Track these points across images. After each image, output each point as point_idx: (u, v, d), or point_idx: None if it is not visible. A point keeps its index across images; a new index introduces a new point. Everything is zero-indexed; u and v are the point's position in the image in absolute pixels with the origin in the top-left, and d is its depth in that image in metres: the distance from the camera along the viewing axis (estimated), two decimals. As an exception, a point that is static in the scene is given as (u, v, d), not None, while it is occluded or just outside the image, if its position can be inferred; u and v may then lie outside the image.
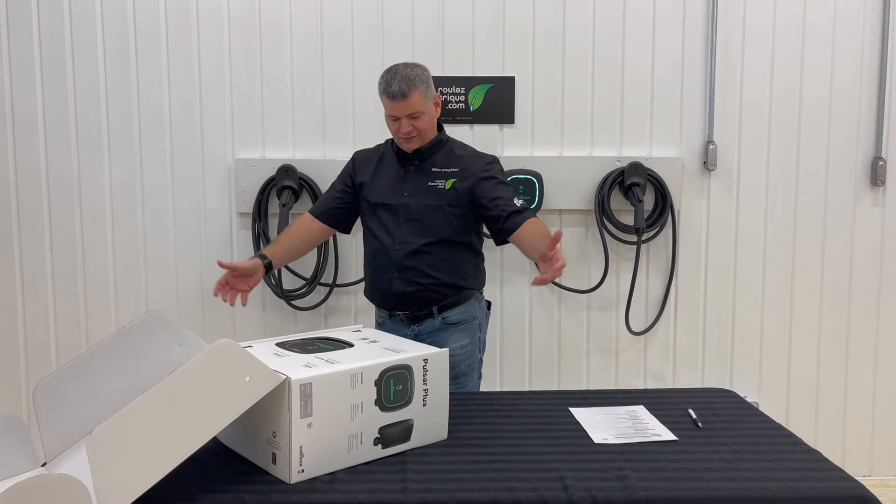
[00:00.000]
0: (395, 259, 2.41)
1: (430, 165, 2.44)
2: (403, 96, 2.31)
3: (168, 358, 1.80)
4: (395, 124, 2.37)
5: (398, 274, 2.41)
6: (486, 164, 2.46)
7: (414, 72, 2.35)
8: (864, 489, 1.65)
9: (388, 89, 2.32)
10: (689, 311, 3.23)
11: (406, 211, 2.42)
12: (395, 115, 2.35)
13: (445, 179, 2.42)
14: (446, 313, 2.45)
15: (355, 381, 1.73)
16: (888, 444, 3.29)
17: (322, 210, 2.57)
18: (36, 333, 3.15)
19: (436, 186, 2.41)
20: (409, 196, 2.42)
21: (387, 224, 2.44)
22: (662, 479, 1.69)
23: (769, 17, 3.12)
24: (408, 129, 2.35)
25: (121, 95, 3.08)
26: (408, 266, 2.40)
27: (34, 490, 1.36)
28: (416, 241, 2.40)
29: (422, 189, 2.42)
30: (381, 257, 2.44)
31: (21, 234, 3.12)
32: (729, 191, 3.19)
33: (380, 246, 2.44)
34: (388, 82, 2.32)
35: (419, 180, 2.43)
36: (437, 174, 2.43)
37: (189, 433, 1.54)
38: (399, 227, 2.42)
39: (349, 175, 2.55)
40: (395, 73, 2.33)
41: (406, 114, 2.33)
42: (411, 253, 2.40)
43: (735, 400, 2.29)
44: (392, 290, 2.42)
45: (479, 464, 1.77)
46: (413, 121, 2.34)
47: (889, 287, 3.23)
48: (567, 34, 3.11)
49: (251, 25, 3.07)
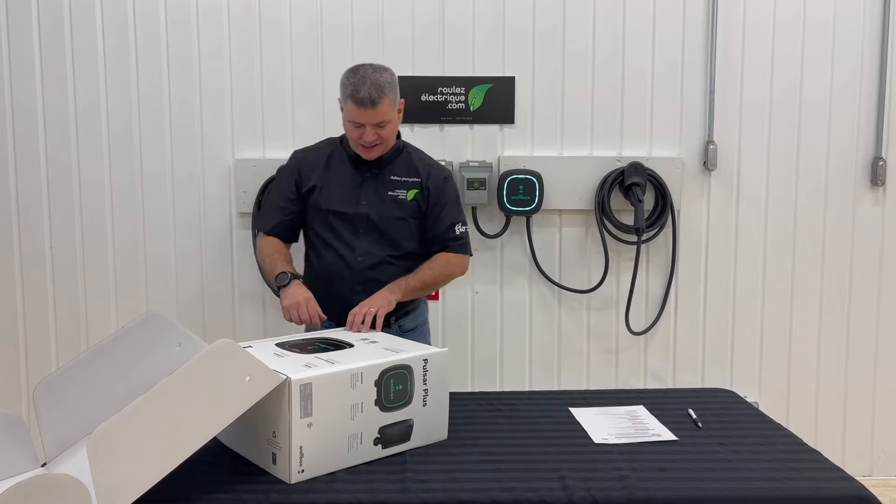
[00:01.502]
0: (356, 270, 2.32)
1: (390, 173, 2.35)
2: (373, 104, 2.18)
3: (168, 358, 1.80)
4: (358, 131, 2.23)
5: (361, 287, 2.31)
6: (443, 178, 2.41)
7: (384, 77, 2.22)
8: (864, 489, 1.65)
9: (357, 95, 2.18)
10: (689, 311, 3.23)
11: (365, 221, 2.32)
12: (360, 123, 2.21)
13: (407, 190, 2.34)
14: (402, 321, 2.41)
15: (355, 381, 1.73)
16: (888, 444, 3.29)
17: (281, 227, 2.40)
18: (36, 333, 3.15)
19: (397, 196, 2.33)
20: (368, 205, 2.32)
21: (342, 233, 2.33)
22: (662, 479, 1.70)
23: (769, 17, 3.12)
24: (372, 137, 2.23)
25: (121, 95, 3.08)
26: (371, 278, 2.31)
27: (34, 490, 1.36)
28: (378, 252, 2.32)
29: (381, 198, 2.33)
30: (338, 268, 2.33)
31: (21, 234, 3.12)
32: (729, 191, 3.19)
33: (336, 256, 2.33)
34: (357, 87, 2.18)
35: (378, 189, 2.34)
36: (397, 183, 2.34)
37: (189, 433, 1.54)
38: (358, 237, 2.33)
39: (294, 181, 2.38)
40: (363, 78, 2.20)
41: (373, 122, 2.21)
42: (374, 265, 2.32)
43: (735, 400, 2.29)
44: (352, 302, 2.28)
45: (479, 464, 1.77)
46: (379, 129, 2.23)
47: (889, 287, 3.23)
48: (567, 34, 3.11)
49: (251, 25, 3.07)
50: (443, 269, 2.37)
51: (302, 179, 2.38)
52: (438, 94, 3.09)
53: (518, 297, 3.20)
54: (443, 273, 2.38)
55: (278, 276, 2.29)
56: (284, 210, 2.39)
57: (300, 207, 2.39)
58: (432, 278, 2.36)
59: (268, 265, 2.37)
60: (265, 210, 2.50)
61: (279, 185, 2.45)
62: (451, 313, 3.19)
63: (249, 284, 3.14)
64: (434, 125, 3.12)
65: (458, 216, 2.41)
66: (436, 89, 3.09)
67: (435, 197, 2.37)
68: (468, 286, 3.18)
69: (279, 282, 2.29)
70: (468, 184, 3.03)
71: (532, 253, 3.16)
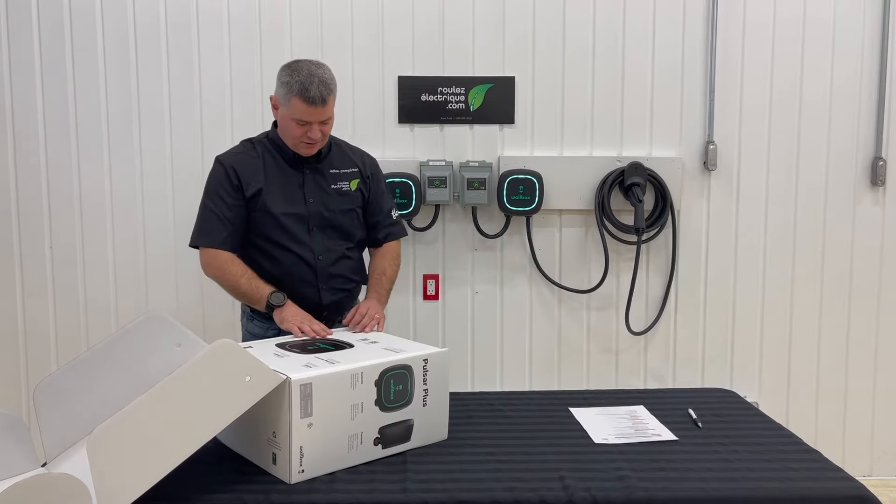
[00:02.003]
0: (319, 269, 2.31)
1: (328, 167, 2.34)
2: (324, 102, 2.17)
3: (168, 358, 1.81)
4: (303, 129, 2.21)
5: (325, 285, 2.32)
6: (375, 165, 2.47)
7: (328, 74, 2.22)
8: (864, 489, 1.65)
9: (307, 94, 2.15)
10: (689, 311, 3.23)
11: (317, 218, 2.31)
12: (307, 121, 2.19)
13: (349, 180, 2.35)
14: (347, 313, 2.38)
15: (355, 381, 1.73)
16: (888, 444, 3.29)
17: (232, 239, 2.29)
18: (36, 333, 3.15)
19: (341, 189, 2.33)
20: (315, 202, 2.31)
21: (297, 234, 2.30)
22: (662, 479, 1.70)
23: (769, 17, 3.12)
24: (318, 135, 2.22)
25: (121, 95, 3.08)
26: (333, 274, 2.33)
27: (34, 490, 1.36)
28: (337, 248, 2.34)
29: (326, 193, 2.32)
30: (300, 270, 2.30)
31: (21, 234, 3.12)
32: (729, 191, 3.19)
33: (295, 259, 2.30)
34: (306, 86, 2.16)
35: (320, 184, 2.32)
36: (338, 175, 2.34)
37: (189, 433, 1.54)
38: (312, 236, 2.31)
39: (235, 187, 2.28)
40: (311, 76, 2.17)
41: (321, 119, 2.20)
42: (336, 261, 2.33)
43: (735, 400, 2.29)
44: (321, 301, 2.31)
45: (479, 464, 1.77)
46: (323, 126, 2.23)
47: (889, 287, 3.23)
48: (567, 34, 3.11)
49: (251, 25, 3.07)
50: (396, 265, 2.45)
51: (242, 184, 2.29)
52: (438, 94, 3.09)
53: (518, 297, 3.20)
54: (398, 266, 2.46)
55: (272, 295, 2.24)
56: (231, 220, 2.28)
57: (245, 214, 2.30)
58: (395, 275, 2.44)
59: (245, 286, 2.27)
60: (207, 224, 2.30)
61: (216, 195, 2.30)
62: (451, 313, 3.19)
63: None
64: (434, 125, 3.12)
65: (391, 201, 2.49)
66: (436, 89, 3.09)
67: (375, 184, 2.43)
68: (468, 286, 3.18)
69: (275, 301, 2.23)
70: (468, 184, 3.03)
71: (532, 253, 3.16)
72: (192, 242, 2.35)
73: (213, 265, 2.31)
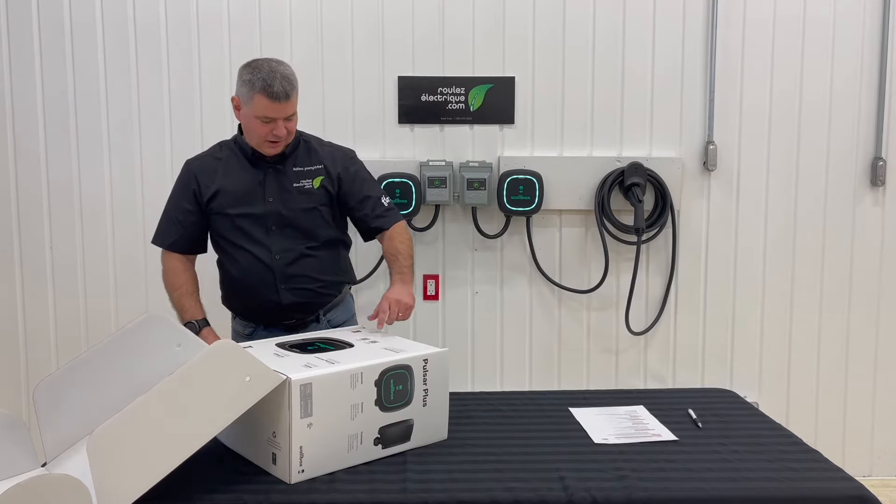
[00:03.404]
0: (276, 269, 2.28)
1: (292, 165, 2.31)
2: (287, 97, 2.16)
3: (168, 358, 1.80)
4: (267, 127, 2.19)
5: (284, 285, 2.29)
6: (349, 159, 2.40)
7: (289, 70, 2.21)
8: (864, 489, 1.65)
9: (270, 90, 2.14)
10: (689, 311, 3.23)
11: (276, 218, 2.28)
12: (271, 117, 2.18)
13: (312, 178, 2.31)
14: (331, 315, 2.40)
15: (355, 381, 1.73)
16: (888, 444, 3.29)
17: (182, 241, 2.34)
18: (36, 333, 3.15)
19: (303, 187, 2.30)
20: (275, 201, 2.28)
21: (254, 234, 2.28)
22: (662, 479, 1.69)
23: (769, 17, 3.12)
24: (284, 132, 2.20)
25: (121, 95, 3.08)
26: (293, 274, 2.29)
27: (34, 490, 1.36)
28: (296, 247, 2.29)
29: (287, 192, 2.29)
30: (257, 270, 2.28)
31: (21, 234, 3.12)
32: (729, 191, 3.19)
33: (252, 259, 2.28)
34: (268, 82, 2.14)
35: (282, 182, 2.29)
36: (301, 174, 2.31)
37: (189, 433, 1.54)
38: (271, 235, 2.28)
39: (192, 192, 2.31)
40: (273, 73, 2.16)
41: (286, 115, 2.19)
42: (294, 260, 2.29)
43: (735, 400, 2.29)
44: (281, 302, 2.28)
45: (479, 464, 1.77)
46: (287, 123, 2.21)
47: (889, 287, 3.23)
48: (567, 34, 3.11)
49: (251, 25, 3.07)
50: (407, 240, 2.38)
51: (200, 188, 2.31)
52: (438, 95, 3.09)
53: (518, 297, 3.20)
54: (409, 241, 2.38)
55: (187, 324, 2.26)
56: (183, 223, 2.33)
57: (199, 218, 2.33)
58: (410, 249, 2.37)
59: (175, 303, 2.34)
60: (162, 224, 2.38)
61: (174, 197, 2.36)
62: (451, 313, 3.19)
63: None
64: (434, 125, 3.12)
65: (378, 190, 2.42)
66: (436, 89, 3.09)
67: (348, 179, 2.35)
68: (468, 286, 3.18)
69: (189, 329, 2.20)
70: (468, 184, 3.03)
71: (532, 253, 3.16)
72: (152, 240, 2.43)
73: (162, 268, 2.40)
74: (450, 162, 3.08)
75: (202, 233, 2.36)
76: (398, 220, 2.40)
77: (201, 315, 2.32)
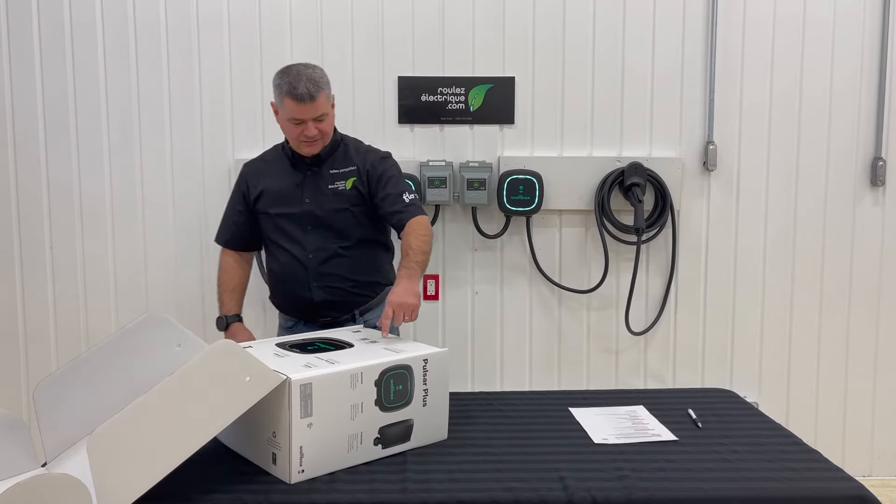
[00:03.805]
0: (310, 268, 2.37)
1: (329, 168, 2.40)
2: (312, 98, 2.24)
3: (168, 358, 1.81)
4: (298, 128, 2.28)
5: (316, 283, 2.37)
6: (379, 158, 2.44)
7: (317, 73, 2.29)
8: (864, 489, 1.65)
9: (295, 91, 2.23)
10: (689, 311, 3.23)
11: (311, 218, 2.37)
12: (299, 119, 2.27)
13: (345, 180, 2.39)
14: (367, 315, 2.43)
15: (355, 381, 1.73)
16: (888, 444, 3.29)
17: (235, 239, 2.50)
18: (36, 333, 3.15)
19: (337, 188, 2.38)
20: (311, 202, 2.37)
21: (292, 234, 2.39)
22: (662, 479, 1.70)
23: (769, 17, 3.12)
24: (314, 132, 2.28)
25: (121, 95, 3.08)
26: (325, 273, 2.37)
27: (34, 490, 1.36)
28: (329, 246, 2.37)
29: (323, 193, 2.38)
30: (293, 268, 2.38)
31: (21, 234, 3.12)
32: (729, 191, 3.19)
33: (290, 257, 2.39)
34: (293, 85, 2.24)
35: (318, 185, 2.38)
36: (335, 176, 2.39)
37: (189, 433, 1.54)
38: (307, 235, 2.38)
39: (242, 193, 2.47)
40: (298, 75, 2.25)
41: (314, 116, 2.27)
42: (327, 259, 2.37)
43: (735, 400, 2.29)
44: (313, 299, 2.37)
45: (479, 464, 1.77)
46: (318, 123, 2.29)
47: (889, 287, 3.23)
48: (567, 34, 3.11)
49: (251, 25, 3.07)
50: (421, 235, 2.31)
51: (249, 190, 2.46)
52: (438, 95, 3.09)
53: (518, 297, 3.20)
54: (424, 236, 2.31)
55: (217, 320, 2.47)
56: (236, 222, 2.50)
57: (249, 217, 2.48)
58: (424, 244, 2.29)
59: (218, 298, 2.52)
60: (221, 222, 2.57)
61: (231, 198, 2.54)
62: (451, 313, 3.19)
63: (249, 284, 3.14)
64: (434, 125, 3.12)
65: (403, 186, 2.41)
66: (436, 89, 3.09)
67: (375, 177, 2.39)
68: (468, 286, 3.18)
69: (217, 326, 2.46)
70: (468, 184, 3.03)
71: (532, 253, 3.16)
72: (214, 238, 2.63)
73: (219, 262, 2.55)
74: (450, 162, 3.09)
75: (252, 231, 2.49)
76: (416, 214, 2.36)
77: (233, 311, 2.47)
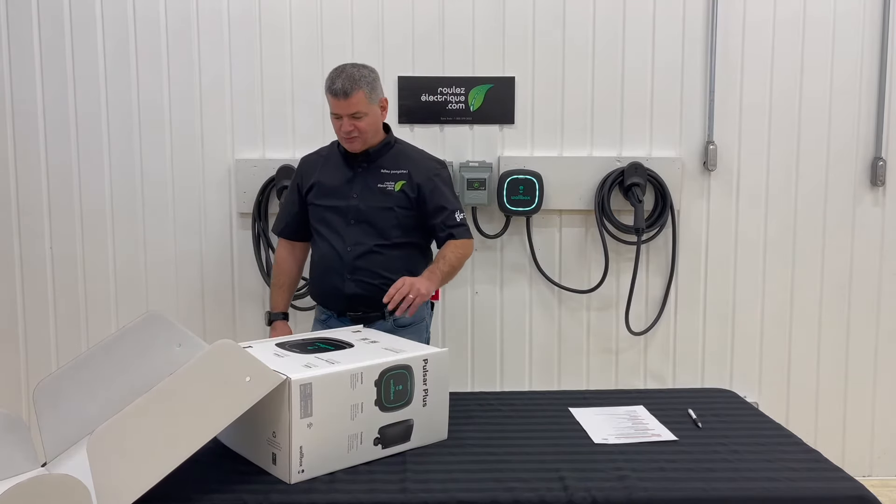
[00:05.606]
0: (346, 260, 2.42)
1: (379, 167, 2.46)
2: (346, 95, 2.31)
3: (168, 358, 1.80)
4: (339, 122, 2.37)
5: (350, 275, 2.42)
6: (436, 168, 2.51)
7: (360, 72, 2.36)
8: (864, 489, 1.65)
9: (332, 87, 2.33)
10: (689, 311, 3.23)
11: (355, 212, 2.43)
12: (337, 113, 2.35)
13: (395, 181, 2.44)
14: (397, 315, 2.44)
15: (355, 382, 1.73)
16: (888, 444, 3.29)
17: (288, 228, 2.60)
18: (36, 333, 3.15)
19: (385, 188, 2.43)
20: (358, 198, 2.44)
21: (336, 226, 2.45)
22: (662, 479, 1.69)
23: (769, 17, 3.12)
24: (349, 128, 2.35)
25: (121, 95, 3.08)
26: (360, 267, 2.42)
27: (34, 490, 1.36)
28: (367, 242, 2.42)
29: (371, 191, 2.44)
30: (330, 259, 2.45)
31: (21, 234, 3.12)
32: (729, 191, 3.19)
33: (329, 248, 2.45)
34: (333, 80, 2.34)
35: (368, 182, 2.45)
36: (386, 176, 2.44)
37: (189, 433, 1.54)
38: (349, 228, 2.44)
39: (297, 184, 2.56)
40: (340, 72, 2.35)
41: (348, 112, 2.33)
42: (363, 254, 2.42)
43: (735, 400, 2.29)
44: (344, 291, 2.43)
45: (479, 464, 1.77)
46: (355, 120, 2.35)
47: (889, 287, 3.23)
48: (567, 34, 3.11)
49: (251, 25, 3.07)
50: (459, 252, 2.45)
51: (303, 181, 2.54)
52: (438, 95, 3.09)
53: (518, 297, 3.20)
54: (462, 255, 2.46)
55: (266, 313, 2.65)
56: (290, 213, 2.59)
57: (301, 208, 2.56)
58: (457, 259, 2.43)
59: (271, 288, 2.68)
60: (278, 214, 2.70)
61: (288, 189, 2.65)
62: (451, 313, 3.19)
63: (250, 284, 3.15)
64: (434, 125, 3.12)
65: (455, 204, 2.50)
66: (436, 89, 3.09)
67: (427, 189, 2.45)
68: (468, 286, 3.18)
69: (265, 320, 2.63)
70: (468, 184, 3.03)
71: (532, 253, 3.16)
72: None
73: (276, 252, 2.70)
74: (450, 162, 3.08)
75: (304, 222, 2.57)
76: (464, 237, 2.48)
77: (279, 308, 2.60)
